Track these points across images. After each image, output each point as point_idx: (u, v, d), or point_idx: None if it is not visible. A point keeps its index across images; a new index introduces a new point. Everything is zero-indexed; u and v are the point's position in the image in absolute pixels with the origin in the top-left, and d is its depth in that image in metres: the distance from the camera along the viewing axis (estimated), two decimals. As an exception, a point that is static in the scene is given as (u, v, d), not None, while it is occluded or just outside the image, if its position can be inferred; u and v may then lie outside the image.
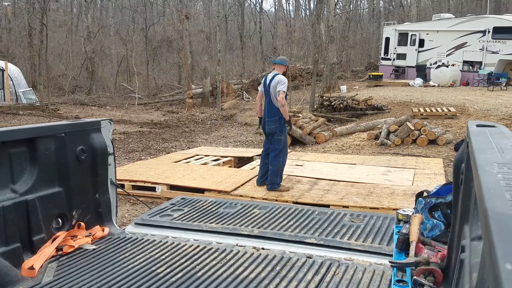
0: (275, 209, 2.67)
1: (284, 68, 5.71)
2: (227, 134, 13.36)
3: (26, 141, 2.21)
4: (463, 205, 1.31)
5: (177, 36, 25.95)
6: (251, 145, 11.22)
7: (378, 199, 5.15)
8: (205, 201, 2.88)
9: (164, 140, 12.25)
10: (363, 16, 38.82)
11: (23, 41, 27.53)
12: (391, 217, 2.43)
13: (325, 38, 20.27)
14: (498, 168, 0.92)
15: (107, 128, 2.69)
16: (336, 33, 27.22)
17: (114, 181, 2.73)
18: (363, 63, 31.03)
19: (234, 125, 15.35)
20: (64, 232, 2.34)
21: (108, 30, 31.53)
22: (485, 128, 1.49)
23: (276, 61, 5.87)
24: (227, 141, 11.94)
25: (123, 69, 27.42)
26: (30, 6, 23.58)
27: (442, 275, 1.55)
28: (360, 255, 2.05)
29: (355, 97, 14.97)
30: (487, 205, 0.69)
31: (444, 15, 24.18)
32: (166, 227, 2.48)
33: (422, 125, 10.54)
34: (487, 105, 13.74)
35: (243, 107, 18.91)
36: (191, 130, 14.48)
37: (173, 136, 13.15)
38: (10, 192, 2.11)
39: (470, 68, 21.07)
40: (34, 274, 2.00)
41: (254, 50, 34.40)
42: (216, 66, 21.02)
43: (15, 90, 18.49)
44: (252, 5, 40.08)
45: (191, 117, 17.03)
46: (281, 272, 1.89)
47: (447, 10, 31.83)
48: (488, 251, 0.59)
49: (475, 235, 1.05)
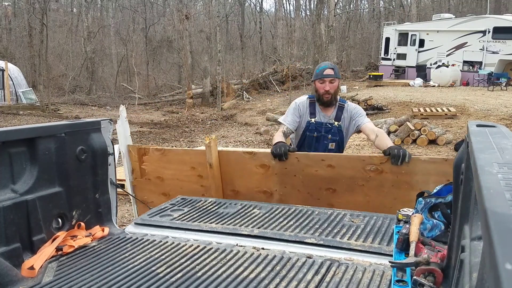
0: (275, 209, 2.67)
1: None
2: (227, 134, 13.36)
3: (26, 141, 2.21)
4: (463, 205, 1.31)
5: (177, 36, 25.96)
6: (251, 145, 11.22)
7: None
8: (205, 201, 2.88)
9: (164, 140, 12.26)
10: (363, 16, 38.83)
11: (23, 41, 27.55)
12: (391, 217, 2.43)
13: (325, 38, 20.27)
14: (498, 168, 0.92)
15: (107, 128, 2.69)
16: (336, 33, 27.23)
17: (114, 181, 2.73)
18: (363, 63, 31.03)
19: (234, 125, 15.36)
20: (64, 232, 2.34)
21: (108, 30, 31.55)
22: (485, 128, 1.49)
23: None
24: (227, 141, 11.94)
25: (123, 69, 27.43)
26: (30, 6, 23.59)
27: (442, 275, 1.55)
28: (360, 255, 2.05)
29: (355, 97, 14.98)
30: (487, 205, 0.69)
31: (444, 15, 24.18)
32: (166, 227, 2.48)
33: (422, 125, 10.55)
34: (487, 105, 13.74)
35: (243, 107, 18.92)
36: (191, 130, 14.49)
37: (173, 136, 13.16)
38: (10, 192, 2.11)
39: (470, 68, 21.08)
40: (34, 274, 2.00)
41: (254, 50, 34.41)
42: (216, 66, 21.03)
43: (15, 90, 18.50)
44: (252, 5, 40.10)
45: (191, 117, 17.04)
46: (281, 272, 1.89)
47: (447, 10, 31.84)
48: (488, 251, 0.59)
49: (475, 235, 1.05)
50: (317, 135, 3.33)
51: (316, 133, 3.32)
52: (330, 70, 3.30)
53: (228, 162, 3.17)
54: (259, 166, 3.08)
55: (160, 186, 3.32)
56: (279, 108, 16.55)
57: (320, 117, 3.34)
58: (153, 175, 3.31)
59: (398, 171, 2.72)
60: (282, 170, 3.02)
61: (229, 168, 3.17)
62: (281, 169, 3.02)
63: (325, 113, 3.35)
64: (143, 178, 3.33)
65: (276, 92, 22.10)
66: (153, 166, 3.30)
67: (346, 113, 3.33)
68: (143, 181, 3.33)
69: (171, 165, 3.27)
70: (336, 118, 3.33)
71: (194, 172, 3.22)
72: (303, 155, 3.02)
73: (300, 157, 2.99)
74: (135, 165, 3.33)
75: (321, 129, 3.32)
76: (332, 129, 3.31)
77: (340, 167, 2.88)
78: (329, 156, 2.96)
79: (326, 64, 3.40)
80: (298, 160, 2.98)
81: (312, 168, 2.95)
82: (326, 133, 3.31)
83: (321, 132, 3.32)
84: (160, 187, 3.32)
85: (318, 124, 3.33)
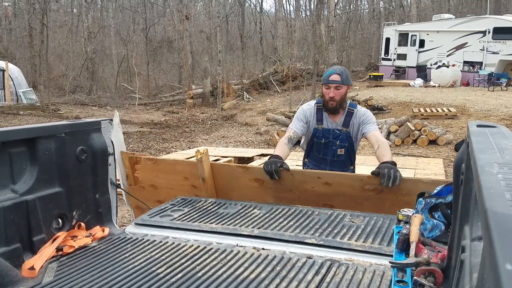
0: (275, 210, 2.67)
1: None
2: (227, 134, 13.37)
3: (26, 141, 2.21)
4: (463, 205, 1.31)
5: (177, 37, 25.97)
6: (251, 145, 11.22)
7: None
8: (205, 201, 2.88)
9: (164, 140, 12.26)
10: (363, 16, 38.83)
11: (23, 41, 27.55)
12: (391, 218, 2.43)
13: (326, 38, 20.28)
14: (498, 168, 0.92)
15: (107, 128, 2.69)
16: (336, 34, 27.23)
17: (114, 181, 2.73)
18: (363, 64, 31.04)
19: (234, 125, 15.36)
20: (64, 232, 2.34)
21: (108, 31, 31.57)
22: (486, 129, 1.49)
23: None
24: (227, 141, 11.94)
25: (123, 69, 27.44)
26: (31, 6, 23.60)
27: (442, 275, 1.55)
28: (361, 256, 2.05)
29: (356, 98, 14.98)
30: (487, 205, 0.69)
31: (444, 16, 24.19)
32: (166, 227, 2.48)
33: (423, 126, 10.55)
34: (487, 106, 13.74)
35: (243, 107, 18.92)
36: (192, 130, 14.49)
37: (174, 136, 13.16)
38: (10, 192, 2.11)
39: (470, 69, 21.07)
40: (34, 274, 2.00)
41: (254, 51, 34.41)
42: (217, 67, 21.03)
43: (16, 90, 18.51)
44: (252, 5, 40.11)
45: (191, 117, 17.04)
46: (281, 273, 1.89)
47: (447, 11, 31.84)
48: (488, 252, 0.59)
49: (475, 236, 1.05)
50: (325, 141, 3.26)
51: (324, 140, 3.25)
52: (337, 76, 3.15)
53: (221, 175, 3.08)
54: (253, 180, 2.98)
55: (154, 194, 3.23)
56: (279, 108, 16.56)
57: (328, 124, 3.25)
58: (146, 183, 3.22)
59: (399, 191, 2.63)
60: (277, 185, 2.91)
61: (223, 181, 3.09)
62: (275, 184, 2.92)
63: (332, 119, 3.25)
64: (136, 185, 3.24)
65: (277, 93, 22.11)
66: (146, 174, 3.20)
67: (355, 119, 3.22)
68: (137, 188, 3.23)
69: (164, 175, 3.18)
70: (344, 124, 3.23)
71: (187, 182, 3.14)
72: (298, 172, 2.92)
73: (295, 173, 2.89)
74: (128, 172, 3.24)
75: (329, 136, 3.24)
76: (341, 135, 3.23)
77: (338, 185, 2.79)
78: (325, 174, 2.87)
79: (334, 68, 3.23)
80: (293, 177, 2.88)
81: (308, 185, 2.86)
82: (334, 139, 3.24)
83: (329, 138, 3.25)
84: (154, 195, 3.23)
85: (325, 130, 3.25)
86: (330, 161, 3.31)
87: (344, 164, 3.32)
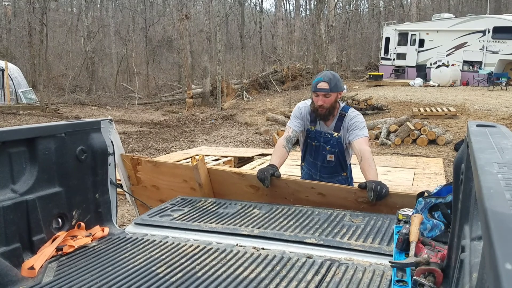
0: (275, 209, 2.67)
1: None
2: (227, 134, 13.37)
3: (26, 141, 2.21)
4: (463, 205, 1.31)
5: (177, 36, 25.96)
6: (251, 145, 11.22)
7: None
8: (205, 201, 2.88)
9: (164, 140, 12.26)
10: (363, 16, 38.84)
11: (23, 41, 27.55)
12: (391, 217, 2.43)
13: (325, 38, 20.27)
14: (498, 168, 0.92)
15: (107, 128, 2.69)
16: (336, 33, 27.23)
17: (114, 181, 2.73)
18: (363, 63, 31.04)
19: (234, 125, 15.36)
20: (64, 232, 2.34)
21: (108, 30, 31.56)
22: (485, 128, 1.49)
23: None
24: (227, 141, 11.95)
25: (123, 69, 27.44)
26: (30, 6, 23.59)
27: (442, 275, 1.55)
28: (360, 255, 2.05)
29: (355, 97, 14.97)
30: (487, 205, 0.69)
31: (444, 15, 24.17)
32: (166, 227, 2.48)
33: (422, 125, 10.55)
34: (487, 105, 13.74)
35: (243, 107, 18.91)
36: (191, 130, 14.49)
37: (173, 136, 13.16)
38: (10, 192, 2.11)
39: (470, 68, 21.08)
40: (34, 274, 2.00)
41: (254, 50, 34.42)
42: (216, 66, 21.03)
43: (15, 90, 18.50)
44: (252, 4, 40.11)
45: (191, 117, 17.05)
46: (281, 272, 1.89)
47: (447, 10, 31.83)
48: (488, 251, 0.59)
49: (475, 235, 1.05)
50: (316, 144, 3.20)
51: (315, 142, 3.20)
52: (325, 84, 3.01)
53: (218, 179, 3.11)
54: (249, 186, 3.01)
55: (156, 193, 3.29)
56: (279, 108, 16.56)
57: (320, 126, 3.20)
58: (148, 183, 3.28)
59: (393, 205, 2.59)
60: (272, 192, 2.92)
61: (220, 185, 3.12)
62: (271, 191, 2.92)
63: (324, 123, 3.20)
64: (139, 185, 3.30)
65: (276, 92, 22.11)
66: (148, 175, 3.26)
67: (345, 124, 3.13)
68: (140, 187, 3.30)
69: (164, 177, 3.22)
70: (335, 129, 3.16)
71: (187, 184, 3.17)
72: (291, 181, 2.91)
73: (289, 182, 2.89)
74: (130, 172, 3.30)
75: (320, 139, 3.19)
76: (331, 139, 3.16)
77: (331, 196, 2.78)
78: (319, 185, 2.84)
79: (323, 75, 3.07)
80: (288, 185, 2.88)
81: (302, 194, 2.86)
82: (324, 144, 3.17)
83: (320, 142, 3.18)
84: (157, 194, 3.29)
85: (317, 132, 3.19)
86: (320, 166, 3.25)
87: (334, 170, 3.23)
